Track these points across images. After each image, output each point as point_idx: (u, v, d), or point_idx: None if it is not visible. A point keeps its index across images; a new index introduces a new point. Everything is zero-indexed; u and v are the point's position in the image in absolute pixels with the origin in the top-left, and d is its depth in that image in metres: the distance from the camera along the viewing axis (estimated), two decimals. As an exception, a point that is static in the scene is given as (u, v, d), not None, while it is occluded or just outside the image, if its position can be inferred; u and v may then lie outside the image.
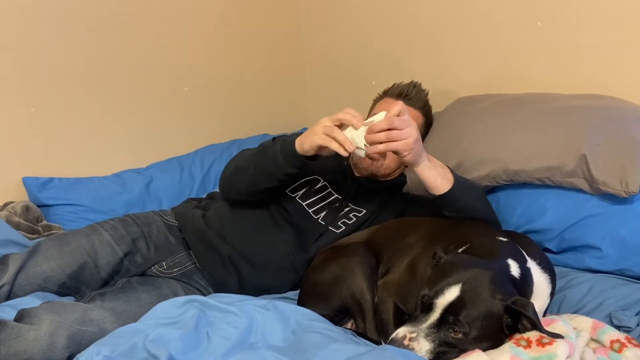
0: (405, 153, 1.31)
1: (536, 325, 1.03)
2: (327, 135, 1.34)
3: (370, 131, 1.32)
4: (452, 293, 1.05)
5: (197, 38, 2.28)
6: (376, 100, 1.83)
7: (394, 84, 1.80)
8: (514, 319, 1.05)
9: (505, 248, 1.19)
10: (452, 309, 1.04)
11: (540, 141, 1.54)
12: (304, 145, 1.40)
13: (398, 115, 1.31)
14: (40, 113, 1.91)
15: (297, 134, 1.45)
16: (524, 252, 1.19)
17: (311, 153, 1.41)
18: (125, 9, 2.06)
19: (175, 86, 2.24)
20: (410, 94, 1.74)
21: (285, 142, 1.46)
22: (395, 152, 1.34)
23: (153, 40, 2.15)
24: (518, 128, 1.61)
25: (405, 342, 1.06)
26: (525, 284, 1.13)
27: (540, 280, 1.19)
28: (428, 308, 1.07)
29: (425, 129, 1.80)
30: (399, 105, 1.33)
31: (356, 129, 1.34)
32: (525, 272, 1.14)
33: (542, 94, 1.73)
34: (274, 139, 1.56)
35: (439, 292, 1.05)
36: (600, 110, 1.55)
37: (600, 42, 1.69)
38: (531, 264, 1.18)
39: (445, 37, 2.08)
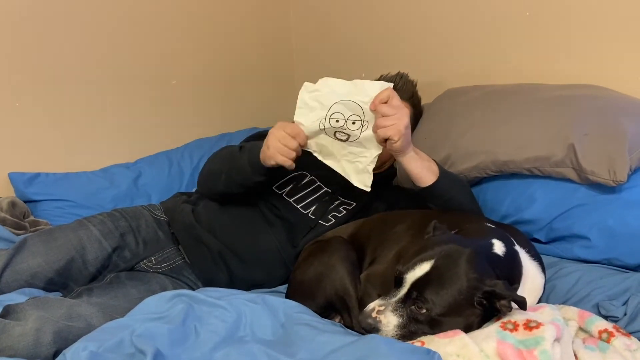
0: (395, 138, 1.30)
1: (514, 300, 1.01)
2: (281, 153, 1.36)
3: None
4: (422, 269, 1.05)
5: (185, 31, 2.26)
6: (365, 93, 1.83)
7: (381, 75, 1.80)
8: (490, 300, 1.03)
9: (493, 231, 1.18)
10: (419, 284, 1.04)
11: (528, 132, 1.54)
12: (266, 161, 1.41)
13: (386, 102, 1.31)
14: (25, 107, 1.89)
15: (264, 134, 1.45)
16: (512, 239, 1.19)
17: (275, 166, 1.41)
18: (112, 3, 2.03)
19: (163, 80, 2.23)
20: (397, 85, 1.73)
21: (251, 152, 1.46)
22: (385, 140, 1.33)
23: (141, 34, 2.14)
24: (506, 119, 1.61)
25: (374, 314, 1.07)
26: (511, 263, 1.12)
27: (530, 267, 1.18)
28: (399, 283, 1.07)
29: (414, 120, 1.80)
30: (387, 91, 1.32)
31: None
32: (512, 253, 1.13)
33: (530, 84, 1.74)
34: (240, 147, 1.55)
35: (409, 268, 1.06)
36: (588, 100, 1.55)
37: (588, 32, 1.69)
38: (519, 249, 1.17)
39: (435, 28, 2.08)
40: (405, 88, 1.76)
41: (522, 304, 1.01)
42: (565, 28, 1.74)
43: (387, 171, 1.73)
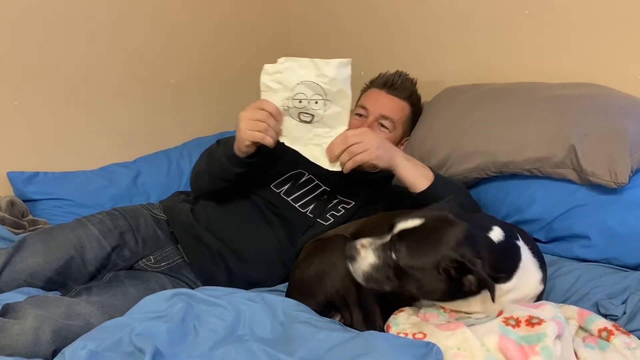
0: (373, 161, 1.37)
1: (484, 281, 1.02)
2: (251, 129, 1.35)
3: (330, 153, 1.38)
4: (412, 223, 1.10)
5: (184, 30, 2.26)
6: (363, 91, 1.83)
7: (380, 74, 1.80)
8: (460, 272, 1.04)
9: (499, 222, 1.18)
10: (402, 234, 1.10)
11: (528, 132, 1.54)
12: (240, 147, 1.41)
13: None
14: (24, 106, 1.89)
15: None
16: (517, 234, 1.18)
17: (251, 151, 1.41)
18: (112, 3, 2.03)
19: (162, 79, 2.22)
20: (396, 84, 1.74)
21: (226, 144, 1.47)
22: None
23: (140, 33, 2.13)
24: (506, 119, 1.61)
25: (358, 246, 1.13)
26: (504, 252, 1.11)
27: (529, 262, 1.16)
28: (389, 230, 1.12)
29: (413, 119, 1.80)
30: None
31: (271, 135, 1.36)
32: (510, 244, 1.12)
33: (530, 83, 1.73)
34: (217, 141, 1.56)
35: (403, 219, 1.11)
36: (588, 100, 1.54)
37: (588, 30, 1.69)
38: (522, 245, 1.16)
39: (434, 26, 2.07)
40: (404, 86, 1.75)
41: (490, 289, 1.02)
42: (564, 26, 1.74)
43: (385, 171, 1.73)
